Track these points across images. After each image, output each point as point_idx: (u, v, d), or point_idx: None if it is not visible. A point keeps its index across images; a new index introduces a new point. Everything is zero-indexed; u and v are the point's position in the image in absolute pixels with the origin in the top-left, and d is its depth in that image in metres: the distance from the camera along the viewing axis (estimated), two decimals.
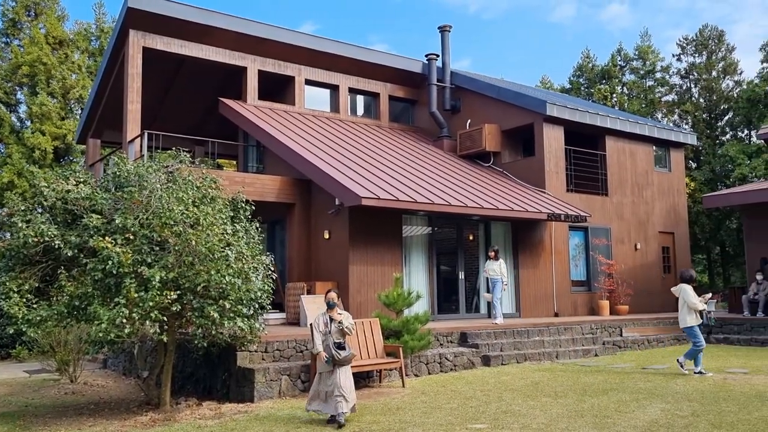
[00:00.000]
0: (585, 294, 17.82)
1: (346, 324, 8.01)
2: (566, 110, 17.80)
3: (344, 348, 7.88)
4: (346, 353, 7.83)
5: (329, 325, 8.01)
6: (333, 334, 7.94)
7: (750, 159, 28.60)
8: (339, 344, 7.87)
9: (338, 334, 7.98)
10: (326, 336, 7.93)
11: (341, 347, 7.86)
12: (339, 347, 7.82)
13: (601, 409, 8.07)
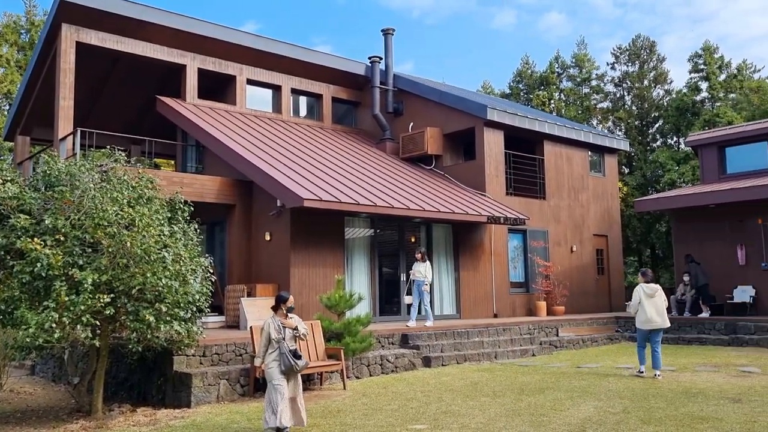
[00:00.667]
0: (523, 295, 18.20)
1: (302, 331, 7.36)
2: (506, 115, 18.16)
3: (300, 355, 7.28)
4: (303, 361, 7.25)
5: (282, 332, 7.26)
6: (287, 340, 7.23)
7: (678, 165, 29.83)
8: (295, 351, 7.24)
9: (292, 340, 7.30)
10: (280, 343, 7.18)
11: (298, 355, 7.24)
12: (296, 355, 7.20)
13: (537, 407, 8.26)
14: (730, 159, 19.33)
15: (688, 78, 33.45)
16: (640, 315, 10.84)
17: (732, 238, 17.42)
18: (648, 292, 10.83)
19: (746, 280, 17.00)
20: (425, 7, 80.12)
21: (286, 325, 7.24)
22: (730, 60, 33.34)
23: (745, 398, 8.50)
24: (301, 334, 7.33)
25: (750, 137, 18.85)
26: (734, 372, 11.01)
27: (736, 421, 7.15)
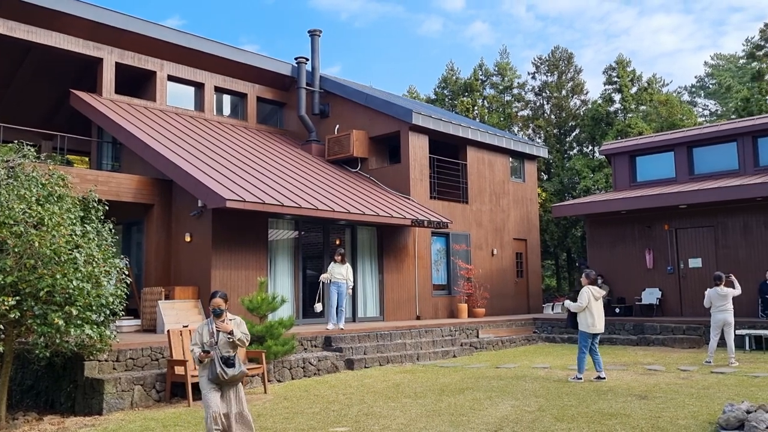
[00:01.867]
0: (445, 297, 18.51)
1: (238, 335, 6.39)
2: (431, 120, 18.43)
3: (233, 363, 6.30)
4: (235, 370, 6.29)
5: (215, 336, 6.41)
6: (220, 346, 6.35)
7: (593, 172, 31.17)
8: (228, 359, 6.29)
9: (228, 346, 6.36)
10: (212, 348, 6.34)
11: (230, 363, 6.30)
12: (227, 363, 6.28)
13: (457, 407, 8.41)
14: (640, 168, 20.33)
15: (603, 89, 35.06)
16: (586, 319, 10.48)
17: (641, 242, 18.33)
18: (596, 295, 10.58)
19: (653, 283, 17.92)
20: (354, 10, 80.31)
21: (220, 328, 6.38)
22: (641, 74, 35.18)
23: (650, 395, 8.95)
24: (236, 339, 6.36)
25: (658, 147, 19.90)
26: (641, 370, 11.58)
27: (642, 417, 7.51)
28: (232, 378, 6.27)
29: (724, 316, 12.20)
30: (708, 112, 45.34)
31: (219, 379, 6.24)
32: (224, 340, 6.37)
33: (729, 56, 46.70)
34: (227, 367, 6.24)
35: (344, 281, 13.79)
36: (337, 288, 13.80)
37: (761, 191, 15.70)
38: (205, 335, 6.44)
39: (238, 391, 6.43)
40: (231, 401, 6.34)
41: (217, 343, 6.36)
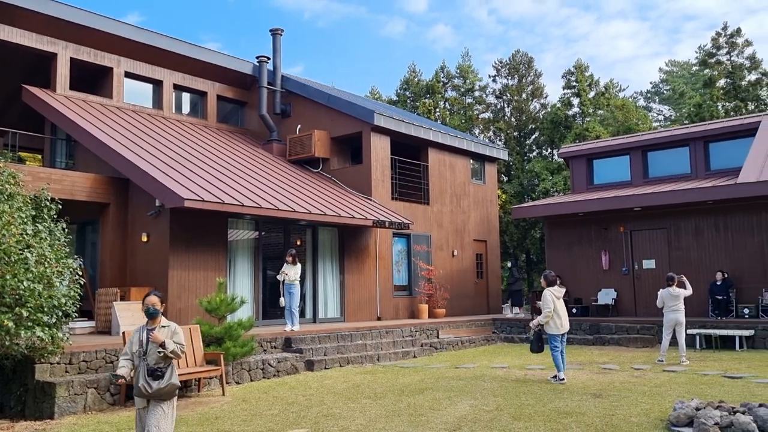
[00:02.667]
0: (406, 298, 18.57)
1: (171, 347, 5.53)
2: (392, 121, 18.48)
3: (161, 375, 5.48)
4: (163, 383, 5.46)
5: (145, 345, 5.58)
6: (149, 356, 5.53)
7: (552, 175, 31.68)
8: (155, 371, 5.47)
9: (158, 355, 5.55)
10: (140, 359, 5.53)
11: (157, 374, 5.47)
12: (154, 375, 5.46)
13: (416, 407, 8.44)
14: (597, 171, 20.76)
15: (562, 93, 35.68)
16: (554, 321, 10.40)
17: (597, 244, 18.70)
18: (557, 295, 10.57)
19: (609, 284, 18.31)
20: (317, 10, 79.99)
21: (153, 340, 5.51)
22: (598, 79, 35.93)
23: (605, 393, 9.15)
24: (168, 352, 5.49)
25: (614, 151, 20.36)
26: (596, 369, 11.82)
27: (596, 415, 7.67)
28: (157, 392, 5.43)
29: (675, 315, 12.53)
30: (663, 117, 46.54)
31: (142, 393, 5.44)
32: (154, 349, 5.55)
33: (683, 63, 48.02)
34: (153, 380, 5.44)
35: (295, 282, 13.56)
36: (288, 289, 13.58)
37: (712, 195, 16.19)
38: (135, 344, 5.63)
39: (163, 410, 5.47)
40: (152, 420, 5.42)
41: (146, 352, 5.54)
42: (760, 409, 6.63)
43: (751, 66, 32.74)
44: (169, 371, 5.54)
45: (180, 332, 5.78)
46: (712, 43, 33.83)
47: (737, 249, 16.36)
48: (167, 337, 5.61)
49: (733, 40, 33.15)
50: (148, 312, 5.69)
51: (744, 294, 15.99)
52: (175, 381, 5.56)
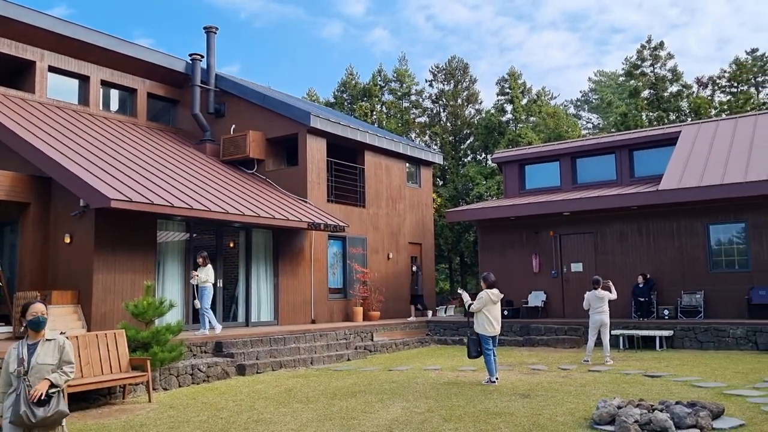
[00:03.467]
0: (341, 301, 18.52)
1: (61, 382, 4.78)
2: (329, 123, 18.41)
3: (47, 401, 4.68)
4: (50, 411, 4.67)
5: (26, 363, 4.74)
6: (31, 377, 4.71)
7: (486, 180, 32.31)
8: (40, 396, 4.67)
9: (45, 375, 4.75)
10: (20, 381, 4.69)
11: (42, 400, 4.66)
12: (39, 401, 4.64)
13: (349, 411, 8.42)
14: (528, 176, 21.30)
15: (496, 100, 36.47)
16: (484, 322, 10.44)
17: (528, 247, 19.17)
18: (494, 299, 10.58)
19: (539, 286, 18.79)
20: (254, 10, 78.95)
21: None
22: (531, 86, 36.91)
23: (533, 393, 9.36)
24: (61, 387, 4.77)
25: (545, 157, 20.94)
26: (526, 370, 12.09)
27: (524, 415, 7.84)
28: (43, 421, 4.63)
29: (600, 317, 12.97)
30: (591, 125, 48.23)
31: (23, 421, 4.59)
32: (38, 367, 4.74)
33: (610, 73, 49.89)
34: (38, 406, 4.61)
35: (207, 284, 13.18)
36: (200, 292, 13.20)
37: (635, 201, 16.86)
38: (12, 363, 4.75)
39: None
40: None
41: (27, 372, 4.70)
42: (676, 407, 6.93)
43: (672, 78, 34.33)
44: (56, 396, 4.77)
45: (69, 348, 4.94)
46: (637, 55, 35.28)
47: (658, 253, 17.09)
48: (52, 354, 4.84)
49: (656, 53, 34.67)
50: (35, 323, 4.86)
51: (664, 296, 16.71)
52: (63, 408, 4.77)
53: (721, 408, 7.23)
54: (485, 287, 10.75)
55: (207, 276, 13.24)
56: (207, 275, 13.25)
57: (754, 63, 33.38)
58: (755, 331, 14.36)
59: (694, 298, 16.17)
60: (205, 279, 13.21)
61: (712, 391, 9.19)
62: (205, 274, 13.23)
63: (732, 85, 33.56)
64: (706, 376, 10.59)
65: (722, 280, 16.10)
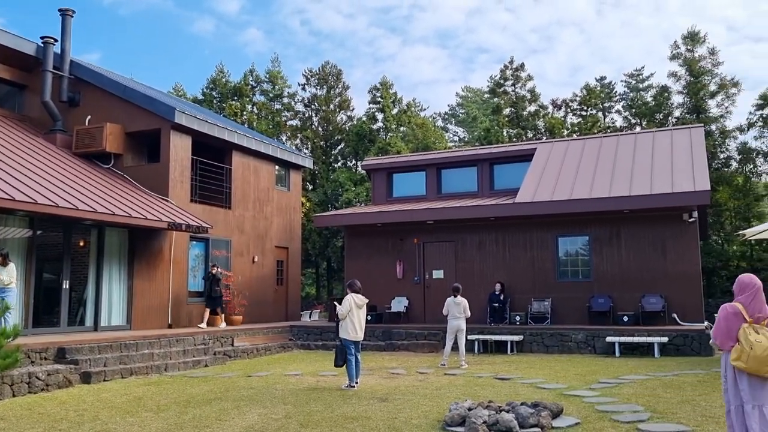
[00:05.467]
0: (202, 305, 17.85)
1: None
2: (196, 120, 17.76)
3: None
4: None
5: None
6: None
7: (355, 186, 32.63)
8: None
9: None
10: None
11: None
12: None
13: (202, 419, 8.10)
14: (396, 184, 21.77)
15: (368, 108, 36.98)
16: (347, 327, 10.50)
17: (393, 254, 19.56)
18: (359, 303, 10.68)
19: (402, 292, 19.23)
20: None
21: None
22: (401, 97, 37.82)
23: (390, 397, 9.53)
24: None
25: (413, 166, 21.52)
26: (386, 374, 12.30)
27: (381, 418, 7.95)
28: None
29: (458, 322, 13.49)
30: (458, 138, 50.25)
31: None
32: None
33: (476, 90, 52.31)
34: None
35: (11, 286, 11.89)
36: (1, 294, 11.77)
37: (493, 212, 17.76)
38: None
39: None
40: None
41: None
42: (521, 408, 7.34)
43: (531, 98, 36.61)
44: None
45: None
46: (500, 74, 37.27)
47: (513, 262, 18.09)
48: None
49: (517, 73, 36.83)
50: None
51: (517, 303, 17.72)
52: None
53: (560, 408, 7.75)
54: (350, 293, 10.83)
55: (10, 277, 11.87)
56: (10, 276, 11.88)
57: (602, 90, 36.39)
58: (594, 336, 15.58)
59: (542, 305, 17.27)
60: (9, 281, 11.84)
61: (554, 392, 9.83)
62: (8, 275, 11.86)
63: (582, 109, 36.36)
64: (549, 378, 11.32)
65: (567, 289, 17.34)
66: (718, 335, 5.48)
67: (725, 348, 5.45)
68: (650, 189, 16.25)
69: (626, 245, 16.90)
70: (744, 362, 5.25)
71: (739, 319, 5.39)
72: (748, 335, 5.27)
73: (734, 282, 5.70)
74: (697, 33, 31.09)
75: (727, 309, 5.46)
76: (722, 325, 5.45)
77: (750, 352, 5.20)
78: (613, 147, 19.40)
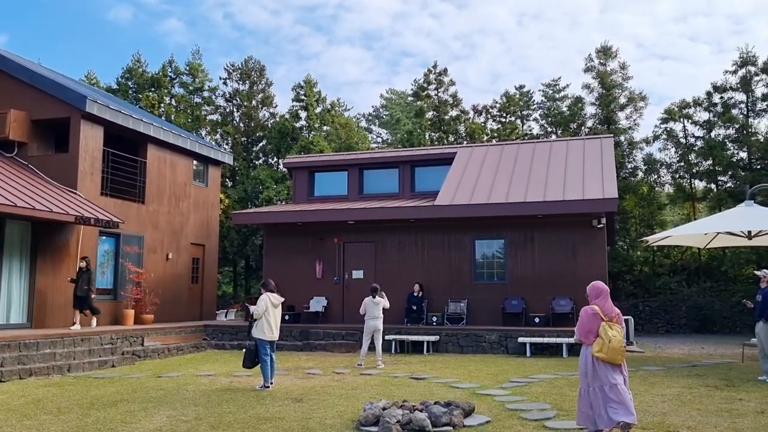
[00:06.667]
0: (110, 303, 17.14)
1: None
2: (108, 110, 17.01)
3: None
4: None
5: None
6: None
7: (276, 184, 32.20)
8: None
9: None
10: None
11: None
12: None
13: (106, 422, 7.75)
14: (318, 183, 21.63)
15: (291, 105, 36.60)
16: (263, 326, 10.38)
17: (313, 254, 19.42)
18: (274, 302, 10.55)
19: (321, 292, 19.12)
20: None
21: None
22: (326, 96, 37.64)
23: (305, 397, 9.44)
24: None
25: (335, 166, 21.45)
26: (301, 374, 12.18)
27: (294, 419, 7.86)
28: None
29: (375, 323, 13.55)
30: (381, 140, 50.50)
31: None
32: None
33: (400, 93, 52.75)
34: None
35: None
36: None
37: (413, 214, 17.95)
38: None
39: None
40: None
41: None
42: (434, 407, 7.43)
43: (453, 103, 37.28)
44: None
45: None
46: (424, 78, 37.74)
47: (431, 263, 18.34)
48: None
49: (440, 78, 37.42)
50: None
51: (434, 303, 17.98)
52: None
53: (472, 407, 7.91)
54: (265, 292, 10.68)
55: None
56: None
57: (521, 98, 37.52)
58: (507, 336, 16.02)
59: (459, 306, 17.60)
60: None
61: (467, 391, 10.03)
62: None
63: (501, 115, 37.33)
64: (463, 378, 11.54)
65: (483, 291, 17.75)
66: (582, 332, 6.65)
67: (588, 342, 6.60)
68: (563, 195, 16.88)
69: (539, 249, 17.48)
70: (605, 353, 6.44)
71: (597, 319, 6.58)
72: (607, 331, 6.49)
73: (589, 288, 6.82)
74: (609, 48, 32.58)
75: (588, 311, 6.65)
76: (585, 323, 6.62)
77: (609, 345, 6.42)
78: (529, 154, 20.03)
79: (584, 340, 6.63)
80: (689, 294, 26.23)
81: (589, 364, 6.57)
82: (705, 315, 25.15)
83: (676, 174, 31.14)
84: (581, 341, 6.69)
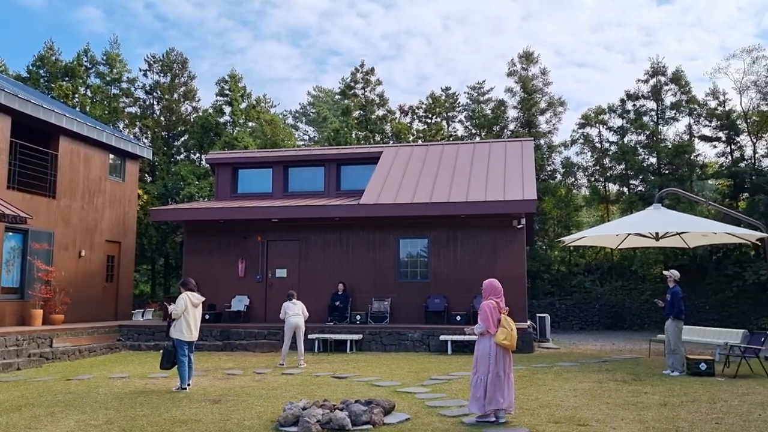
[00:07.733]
0: (16, 302, 16.24)
1: None
2: (16, 99, 16.10)
3: None
4: None
5: None
6: None
7: (198, 180, 31.36)
8: None
9: None
10: None
11: None
12: None
13: (9, 428, 7.33)
14: (241, 180, 21.22)
15: (215, 100, 35.75)
16: (182, 326, 10.12)
17: (236, 252, 19.05)
18: (195, 302, 10.30)
19: (243, 291, 18.77)
20: None
21: None
22: (251, 91, 36.99)
23: (224, 399, 9.23)
24: None
25: (259, 163, 21.10)
26: (221, 375, 11.92)
27: (212, 421, 7.67)
28: None
29: (296, 320, 13.41)
30: (307, 137, 50.13)
31: None
32: None
33: (328, 91, 52.54)
34: None
35: None
36: None
37: (338, 212, 17.91)
38: None
39: None
40: None
41: None
42: (354, 405, 7.43)
43: (379, 102, 37.44)
44: None
45: None
46: (351, 77, 37.72)
47: (356, 262, 18.35)
48: None
49: (367, 77, 37.50)
50: None
51: (358, 302, 17.99)
52: None
53: (392, 404, 7.96)
54: (185, 291, 10.39)
55: None
56: None
57: (447, 99, 38.10)
58: (429, 334, 16.23)
59: (382, 304, 17.69)
60: None
61: (388, 389, 10.09)
62: None
63: (427, 116, 37.81)
64: (385, 376, 11.60)
65: (407, 289, 17.91)
66: (488, 323, 7.48)
67: (492, 332, 7.46)
68: (485, 196, 17.25)
69: (462, 248, 17.80)
70: (509, 341, 7.41)
71: (497, 312, 7.55)
72: (509, 322, 7.51)
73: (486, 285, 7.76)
74: (531, 53, 33.58)
75: (489, 305, 7.57)
76: (489, 315, 7.51)
77: (511, 333, 7.44)
78: (453, 155, 20.36)
79: (490, 330, 7.48)
80: (602, 292, 27.41)
81: (493, 352, 7.44)
82: (616, 312, 26.35)
83: (592, 177, 32.48)
84: (487, 332, 7.50)
